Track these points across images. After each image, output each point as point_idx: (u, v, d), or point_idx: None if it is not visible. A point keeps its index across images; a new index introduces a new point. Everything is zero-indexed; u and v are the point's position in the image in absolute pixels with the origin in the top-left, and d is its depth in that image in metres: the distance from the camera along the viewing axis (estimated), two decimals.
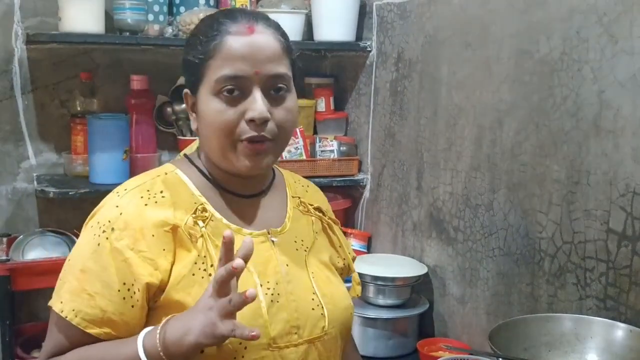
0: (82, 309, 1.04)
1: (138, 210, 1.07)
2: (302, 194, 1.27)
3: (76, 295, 1.05)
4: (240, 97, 1.08)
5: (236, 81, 1.07)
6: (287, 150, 2.49)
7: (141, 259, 1.05)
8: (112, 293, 1.04)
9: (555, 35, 1.63)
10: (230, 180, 1.16)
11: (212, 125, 1.09)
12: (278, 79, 1.10)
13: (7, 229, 2.38)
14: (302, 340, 1.10)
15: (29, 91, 2.41)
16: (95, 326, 1.05)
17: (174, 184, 1.13)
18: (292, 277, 1.13)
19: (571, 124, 1.58)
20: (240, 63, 1.07)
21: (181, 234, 1.07)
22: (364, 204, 2.56)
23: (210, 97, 1.09)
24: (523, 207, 1.74)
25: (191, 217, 1.09)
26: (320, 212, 1.26)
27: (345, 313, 1.18)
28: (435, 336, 2.10)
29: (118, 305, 1.04)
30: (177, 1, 2.43)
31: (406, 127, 2.27)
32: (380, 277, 2.09)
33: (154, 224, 1.06)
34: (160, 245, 1.06)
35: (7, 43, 2.36)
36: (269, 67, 1.08)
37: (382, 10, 2.41)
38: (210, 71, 1.09)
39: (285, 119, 1.11)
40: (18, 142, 2.42)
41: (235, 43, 1.08)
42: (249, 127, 1.08)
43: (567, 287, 1.61)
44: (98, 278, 1.05)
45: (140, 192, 1.10)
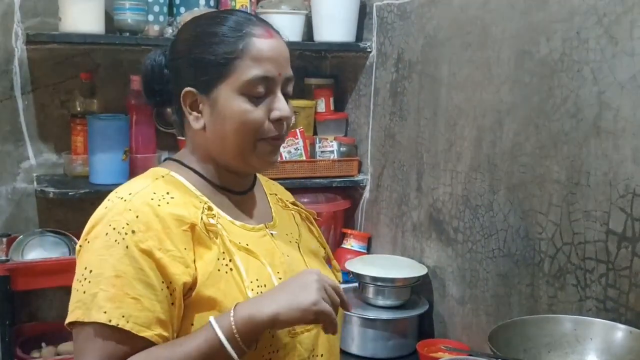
0: (131, 314, 1.02)
1: (154, 212, 1.07)
2: (275, 190, 1.34)
3: (119, 301, 1.02)
4: (264, 98, 1.13)
5: (265, 82, 1.12)
6: (287, 150, 2.49)
7: (171, 258, 1.05)
8: (156, 292, 1.04)
9: (555, 36, 1.63)
10: (225, 178, 1.19)
11: (236, 124, 1.12)
12: (291, 81, 1.18)
13: (6, 229, 2.38)
14: (312, 325, 1.13)
15: (29, 91, 2.41)
16: (147, 329, 1.02)
17: (175, 185, 1.14)
18: (293, 267, 1.18)
19: (571, 124, 1.58)
20: (268, 64, 1.12)
21: (199, 232, 1.09)
22: (363, 205, 2.56)
23: (235, 96, 1.12)
24: (523, 208, 1.74)
25: (204, 215, 1.11)
26: (296, 206, 1.33)
27: None
28: (435, 337, 2.10)
29: (164, 304, 1.04)
30: (178, 2, 2.43)
31: (406, 127, 2.27)
32: (379, 277, 2.09)
33: (173, 223, 1.07)
34: (182, 243, 1.07)
35: (7, 43, 2.36)
36: (287, 69, 1.16)
37: (382, 10, 2.41)
38: (239, 71, 1.11)
39: (291, 117, 1.18)
40: (18, 142, 2.42)
41: (263, 45, 1.12)
42: (274, 126, 1.14)
43: (567, 288, 1.61)
44: (138, 280, 1.03)
45: (149, 194, 1.10)
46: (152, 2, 2.34)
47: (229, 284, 1.08)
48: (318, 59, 2.80)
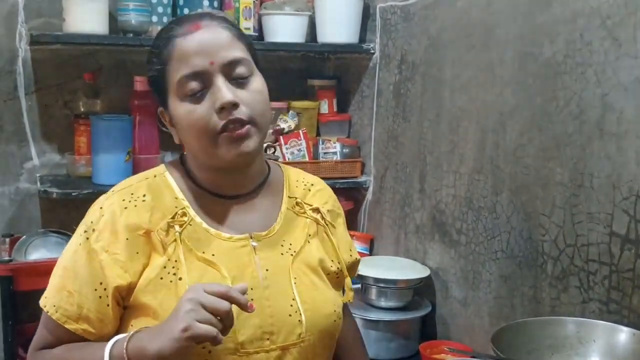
0: (61, 305, 1.09)
1: (117, 213, 1.11)
2: (301, 194, 1.26)
3: (57, 292, 1.10)
4: (205, 93, 1.10)
5: (196, 77, 1.10)
6: (290, 152, 2.50)
7: (113, 261, 1.08)
8: (89, 292, 1.09)
9: (558, 38, 1.63)
10: (218, 182, 1.17)
11: (187, 128, 1.11)
12: (236, 63, 1.11)
13: (9, 229, 2.38)
14: (276, 346, 1.10)
15: (33, 92, 2.42)
16: (73, 322, 1.09)
17: (159, 187, 1.15)
18: (271, 282, 1.13)
19: (574, 126, 1.58)
20: (194, 59, 1.09)
21: (154, 239, 1.10)
22: (366, 206, 2.56)
23: (178, 103, 1.11)
24: (526, 209, 1.73)
25: (166, 222, 1.11)
26: (318, 213, 1.24)
27: (327, 320, 1.16)
28: (438, 339, 2.10)
29: (94, 304, 1.09)
30: (181, 2, 2.43)
31: (409, 129, 2.27)
32: (382, 279, 2.09)
33: (129, 227, 1.09)
34: (133, 248, 1.09)
35: (11, 44, 2.37)
36: (222, 54, 1.10)
37: (385, 12, 2.41)
38: (170, 77, 1.11)
39: (254, 100, 1.12)
40: (21, 143, 2.42)
41: (184, 42, 1.11)
42: (221, 117, 1.09)
43: (570, 290, 1.61)
44: (77, 277, 1.10)
45: (124, 194, 1.13)
46: (156, 3, 2.34)
47: (169, 294, 1.07)
48: (321, 60, 2.80)
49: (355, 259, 1.31)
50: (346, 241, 1.31)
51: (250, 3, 2.42)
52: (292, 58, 2.74)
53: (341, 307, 1.22)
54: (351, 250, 1.31)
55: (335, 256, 1.24)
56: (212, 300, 0.98)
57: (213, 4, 2.44)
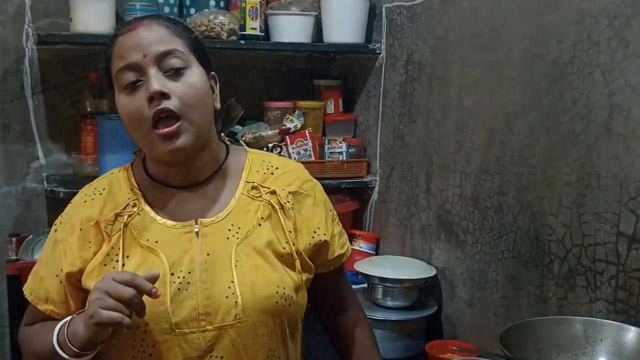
0: (34, 289, 1.25)
1: (77, 207, 1.25)
2: (261, 178, 1.28)
3: (33, 277, 1.26)
4: (141, 86, 1.16)
5: (130, 70, 1.16)
6: (296, 151, 2.50)
7: (68, 250, 1.21)
8: (52, 277, 1.22)
9: (566, 39, 1.63)
10: (167, 173, 1.24)
11: (125, 120, 1.19)
12: (168, 55, 1.17)
13: (16, 228, 2.40)
14: (212, 326, 1.16)
15: (39, 92, 2.43)
16: (43, 303, 1.23)
17: (119, 181, 1.26)
18: (210, 265, 1.18)
19: (582, 127, 1.59)
20: (129, 52, 1.16)
21: (103, 229, 1.21)
22: (372, 206, 2.57)
23: (118, 96, 1.19)
24: (533, 209, 1.74)
25: (114, 213, 1.21)
26: (274, 196, 1.26)
27: (267, 301, 1.19)
28: (444, 338, 2.10)
29: (56, 288, 1.22)
30: (188, 3, 2.44)
31: (415, 129, 2.28)
32: (388, 278, 2.09)
33: (83, 219, 1.22)
34: (86, 238, 1.21)
35: (18, 43, 2.38)
36: (155, 47, 1.17)
37: (391, 12, 2.41)
38: (112, 72, 1.19)
39: (187, 93, 1.17)
40: (28, 142, 2.43)
41: (122, 40, 1.18)
42: (151, 107, 1.14)
43: (576, 289, 1.61)
44: (46, 264, 1.25)
45: (88, 189, 1.27)
46: (163, 3, 2.35)
47: None
48: (327, 61, 2.80)
49: (319, 240, 1.28)
50: (312, 222, 1.29)
51: (257, 3, 2.43)
52: (298, 58, 2.75)
53: (292, 288, 1.22)
54: (316, 231, 1.28)
55: (285, 239, 1.24)
56: (116, 287, 1.06)
57: (219, 4, 2.45)
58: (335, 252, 1.33)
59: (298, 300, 1.24)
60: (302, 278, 1.26)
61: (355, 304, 1.46)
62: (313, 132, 2.55)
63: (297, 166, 1.36)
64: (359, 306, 1.47)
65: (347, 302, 1.44)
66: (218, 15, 2.34)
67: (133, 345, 1.16)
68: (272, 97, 2.66)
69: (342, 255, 1.36)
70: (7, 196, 2.42)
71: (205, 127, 1.21)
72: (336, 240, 1.34)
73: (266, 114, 2.62)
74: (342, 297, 1.43)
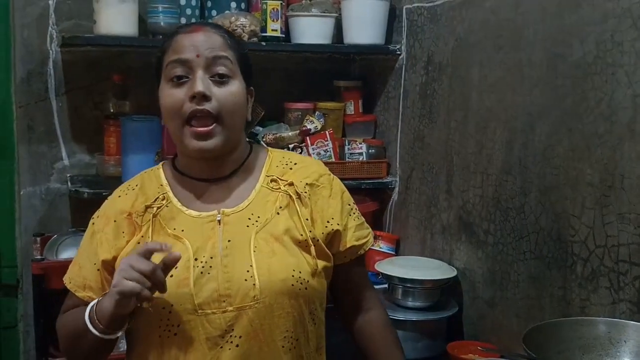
0: (73, 277, 1.34)
1: (112, 201, 1.36)
2: (280, 172, 1.36)
3: (71, 267, 1.36)
4: (186, 82, 1.26)
5: (181, 64, 1.26)
6: (316, 152, 2.51)
7: (104, 240, 1.31)
8: (90, 265, 1.31)
9: (588, 39, 1.62)
10: (195, 168, 1.33)
11: (164, 108, 1.28)
12: (218, 60, 1.27)
13: (40, 228, 2.42)
14: (232, 307, 1.23)
15: (63, 93, 2.46)
16: (81, 290, 1.32)
17: (151, 178, 1.36)
18: (230, 251, 1.26)
19: (605, 127, 1.58)
20: (184, 49, 1.26)
21: (134, 220, 1.30)
22: (392, 207, 2.57)
23: (164, 86, 1.28)
24: (555, 210, 1.73)
25: (144, 206, 1.30)
26: (291, 187, 1.34)
27: (282, 284, 1.25)
28: (465, 339, 2.10)
29: (94, 275, 1.31)
30: (209, 5, 2.46)
31: (436, 130, 2.28)
32: (409, 279, 2.10)
33: (117, 212, 1.32)
34: (119, 229, 1.31)
35: (42, 46, 2.41)
36: (209, 51, 1.27)
37: (412, 13, 2.42)
38: (164, 62, 1.29)
39: (227, 99, 1.27)
40: (52, 143, 2.46)
41: (182, 37, 1.28)
42: (192, 105, 1.24)
43: (599, 290, 1.61)
44: (83, 254, 1.34)
45: (123, 186, 1.38)
46: (185, 5, 2.37)
47: None
48: (347, 62, 2.81)
49: (331, 229, 1.34)
50: (327, 212, 1.35)
51: (278, 5, 2.44)
52: (318, 59, 2.76)
53: (308, 273, 1.28)
54: (329, 221, 1.34)
55: (302, 226, 1.31)
56: (138, 260, 1.15)
57: (240, 5, 2.47)
58: (347, 243, 1.37)
59: (315, 285, 1.30)
60: (318, 263, 1.31)
61: (377, 304, 1.48)
62: (333, 133, 2.56)
63: (316, 162, 1.45)
64: (381, 306, 1.49)
65: (369, 301, 1.46)
66: (239, 17, 2.36)
67: (159, 324, 1.24)
68: (292, 98, 2.67)
69: (357, 248, 1.39)
70: (32, 196, 2.46)
71: (236, 133, 1.31)
72: (351, 232, 1.38)
73: (286, 115, 2.64)
74: (362, 295, 1.46)
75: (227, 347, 1.23)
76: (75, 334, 1.26)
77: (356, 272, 1.43)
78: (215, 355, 1.23)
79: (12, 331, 2.52)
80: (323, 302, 1.36)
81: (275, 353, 1.26)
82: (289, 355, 1.27)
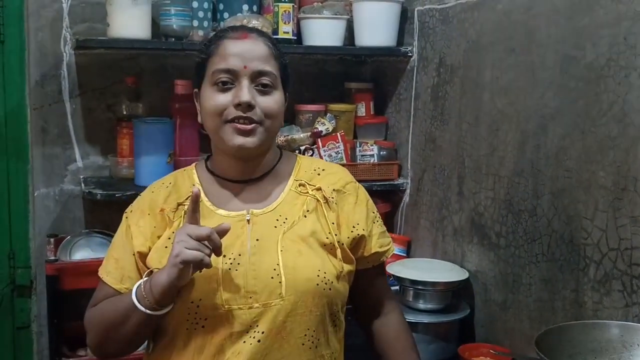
0: (110, 271, 1.35)
1: (146, 196, 1.39)
2: (309, 177, 1.41)
3: (107, 260, 1.38)
4: (231, 88, 1.30)
5: (228, 73, 1.30)
6: (327, 154, 2.51)
7: (139, 232, 1.34)
8: (128, 257, 1.34)
9: (601, 42, 1.62)
10: (229, 169, 1.37)
11: (206, 109, 1.32)
12: (264, 74, 1.31)
13: (54, 229, 2.44)
14: (259, 304, 1.27)
15: (77, 95, 2.48)
16: (119, 283, 1.33)
17: (184, 177, 1.41)
18: (258, 249, 1.30)
19: (618, 130, 1.58)
20: (232, 59, 1.31)
21: (166, 215, 1.34)
22: (403, 209, 2.57)
23: (208, 88, 1.33)
24: (568, 213, 1.73)
25: (177, 203, 1.35)
26: (319, 191, 1.38)
27: (308, 283, 1.29)
28: (476, 341, 2.10)
29: (133, 266, 1.34)
30: (221, 8, 2.47)
31: (447, 132, 2.28)
32: (420, 281, 2.09)
33: (151, 206, 1.36)
34: (153, 222, 1.34)
35: (56, 48, 2.43)
36: (256, 63, 1.31)
37: (423, 15, 2.42)
38: (210, 67, 1.33)
39: (270, 107, 1.32)
40: (66, 145, 2.48)
41: (230, 44, 1.32)
42: (236, 110, 1.29)
43: (612, 294, 1.60)
44: (120, 246, 1.36)
45: (157, 183, 1.42)
46: (197, 8, 2.38)
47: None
48: (358, 64, 2.81)
49: (357, 234, 1.38)
50: (352, 218, 1.39)
51: (290, 7, 2.45)
52: (329, 61, 2.76)
53: (333, 275, 1.32)
54: (355, 226, 1.38)
55: (328, 230, 1.35)
56: (196, 229, 1.20)
57: (252, 8, 2.47)
58: (372, 249, 1.42)
59: (338, 287, 1.34)
60: (344, 266, 1.35)
61: (395, 309, 1.51)
62: (344, 135, 2.56)
63: (343, 169, 1.48)
64: (400, 311, 1.52)
65: (387, 306, 1.49)
66: (251, 19, 2.36)
67: (187, 318, 1.27)
68: (303, 100, 2.68)
69: (380, 254, 1.44)
70: (46, 198, 2.47)
71: (272, 137, 1.37)
72: (375, 238, 1.42)
73: (298, 117, 2.64)
74: (381, 300, 1.49)
75: (249, 341, 1.26)
76: (116, 321, 1.28)
77: (377, 278, 1.48)
78: (237, 349, 1.26)
79: (25, 331, 2.54)
80: (344, 306, 1.39)
81: (295, 350, 1.29)
82: (309, 353, 1.30)
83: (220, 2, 2.47)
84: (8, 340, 2.51)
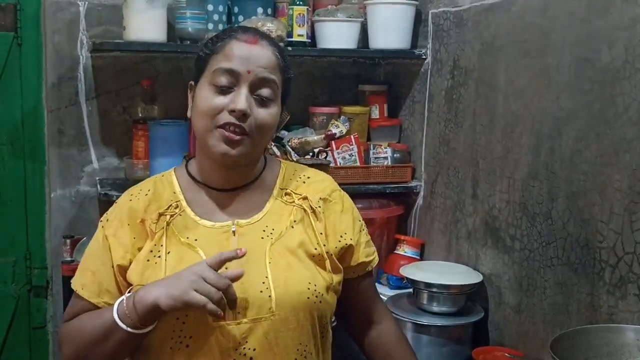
0: (86, 284, 1.29)
1: (125, 206, 1.31)
2: (294, 185, 1.37)
3: (82, 273, 1.31)
4: (229, 91, 1.25)
5: (230, 74, 1.25)
6: (341, 156, 2.52)
7: (118, 243, 1.28)
8: (106, 270, 1.28)
9: (617, 44, 1.61)
10: (212, 177, 1.32)
11: (199, 108, 1.27)
12: (265, 82, 1.27)
13: (70, 230, 2.46)
14: (247, 319, 1.22)
15: (93, 97, 2.50)
16: (96, 296, 1.28)
17: (163, 184, 1.35)
18: (245, 262, 1.23)
19: (634, 132, 1.57)
20: (237, 61, 1.25)
21: (148, 226, 1.28)
22: (417, 211, 2.57)
23: (205, 86, 1.27)
24: (583, 216, 1.72)
25: (158, 213, 1.29)
26: (305, 201, 1.35)
27: (298, 297, 1.25)
28: (490, 345, 2.09)
29: (111, 280, 1.28)
30: (236, 10, 2.48)
31: (461, 134, 2.27)
32: (434, 284, 2.09)
33: (130, 216, 1.29)
34: (132, 234, 1.28)
35: (72, 51, 2.45)
36: (259, 70, 1.26)
37: (437, 18, 2.42)
38: (212, 64, 1.27)
39: (264, 120, 1.27)
40: (82, 147, 2.50)
41: (237, 46, 1.27)
42: (229, 116, 1.24)
43: (628, 298, 1.59)
44: (97, 258, 1.30)
45: (133, 190, 1.35)
46: (212, 11, 2.40)
47: (153, 273, 1.24)
48: (372, 66, 2.82)
49: (345, 243, 1.35)
50: (339, 227, 1.36)
51: (304, 10, 2.46)
52: (343, 64, 2.77)
53: (323, 287, 1.29)
54: (342, 235, 1.36)
55: (316, 241, 1.32)
56: (212, 273, 1.15)
57: (267, 11, 2.48)
58: (359, 259, 1.40)
59: (328, 299, 1.31)
60: (333, 277, 1.32)
61: (387, 316, 1.49)
62: (358, 137, 2.57)
63: (327, 177, 1.45)
64: (392, 318, 1.51)
65: (379, 314, 1.47)
66: (266, 22, 2.37)
67: (171, 336, 1.22)
68: (317, 102, 2.69)
69: (366, 264, 1.42)
70: (62, 199, 2.50)
71: (260, 149, 1.34)
72: (361, 248, 1.40)
73: (312, 119, 2.65)
74: (373, 308, 1.47)
75: (240, 359, 1.22)
76: (95, 338, 1.22)
77: (365, 285, 1.45)
78: None
79: (41, 331, 2.56)
80: (332, 317, 1.37)
81: None
82: None
83: (235, 5, 2.49)
84: (24, 340, 2.54)
